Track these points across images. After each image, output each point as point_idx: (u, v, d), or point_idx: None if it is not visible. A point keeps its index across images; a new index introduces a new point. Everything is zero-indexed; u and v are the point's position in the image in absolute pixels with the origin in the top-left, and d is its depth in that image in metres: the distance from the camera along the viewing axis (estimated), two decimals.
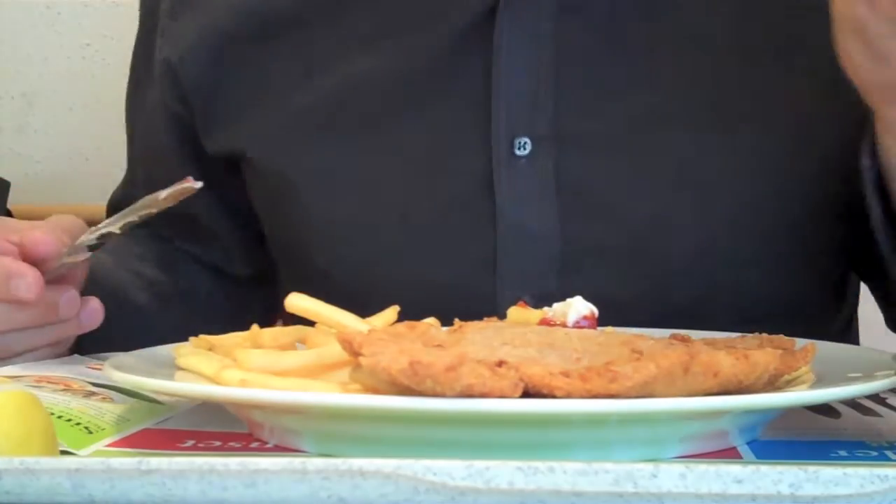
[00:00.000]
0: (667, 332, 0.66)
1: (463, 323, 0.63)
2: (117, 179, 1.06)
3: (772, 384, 0.56)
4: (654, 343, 0.58)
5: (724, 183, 0.83)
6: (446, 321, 0.72)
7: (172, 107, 0.96)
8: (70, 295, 0.76)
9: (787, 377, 0.58)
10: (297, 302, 0.63)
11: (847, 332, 0.99)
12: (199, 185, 0.67)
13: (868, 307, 1.04)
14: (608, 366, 0.50)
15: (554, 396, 0.49)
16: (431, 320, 0.65)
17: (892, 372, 0.57)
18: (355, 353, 0.51)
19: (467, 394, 0.48)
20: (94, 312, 0.78)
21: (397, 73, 0.86)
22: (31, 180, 1.85)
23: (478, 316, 0.75)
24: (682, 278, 0.83)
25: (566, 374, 0.49)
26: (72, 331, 0.78)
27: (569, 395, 0.49)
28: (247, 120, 0.92)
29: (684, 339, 0.62)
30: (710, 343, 0.61)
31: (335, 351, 0.55)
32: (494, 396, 0.48)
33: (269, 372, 0.55)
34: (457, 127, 0.84)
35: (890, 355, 0.62)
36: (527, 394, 0.49)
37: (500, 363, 0.49)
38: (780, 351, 0.56)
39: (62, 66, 1.86)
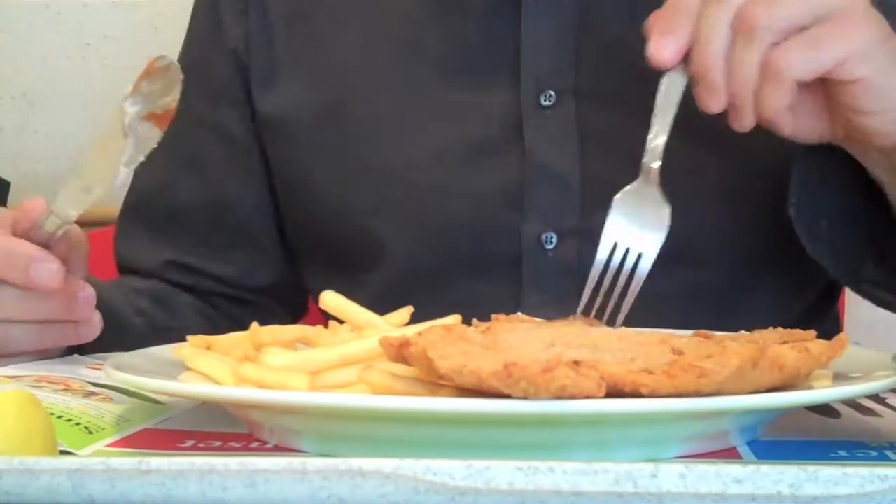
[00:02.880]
0: (689, 332, 0.66)
1: (481, 322, 0.63)
2: None
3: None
4: (688, 341, 0.58)
5: (720, 132, 0.89)
6: (477, 255, 0.89)
7: (237, 46, 1.00)
8: (89, 293, 0.75)
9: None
10: (331, 300, 0.64)
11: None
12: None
13: (864, 308, 1.04)
14: (691, 362, 0.50)
15: (639, 394, 0.49)
16: (454, 318, 0.65)
17: (892, 372, 0.57)
18: (399, 355, 0.51)
19: (559, 395, 0.47)
20: (93, 324, 0.76)
21: (437, 41, 0.95)
22: (31, 180, 1.85)
23: (505, 250, 0.90)
24: (687, 211, 0.88)
25: (650, 372, 0.49)
26: (69, 338, 0.77)
27: (654, 393, 0.49)
28: (297, 77, 0.99)
29: (707, 336, 0.63)
30: (733, 339, 0.61)
31: (359, 349, 0.56)
32: (582, 397, 0.48)
33: (296, 371, 0.55)
34: (488, 82, 0.93)
35: (890, 355, 0.62)
36: (607, 393, 0.49)
37: (577, 363, 0.49)
38: (827, 342, 0.57)
39: (62, 66, 1.86)
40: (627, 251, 0.73)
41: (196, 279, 1.03)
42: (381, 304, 0.66)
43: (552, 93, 0.91)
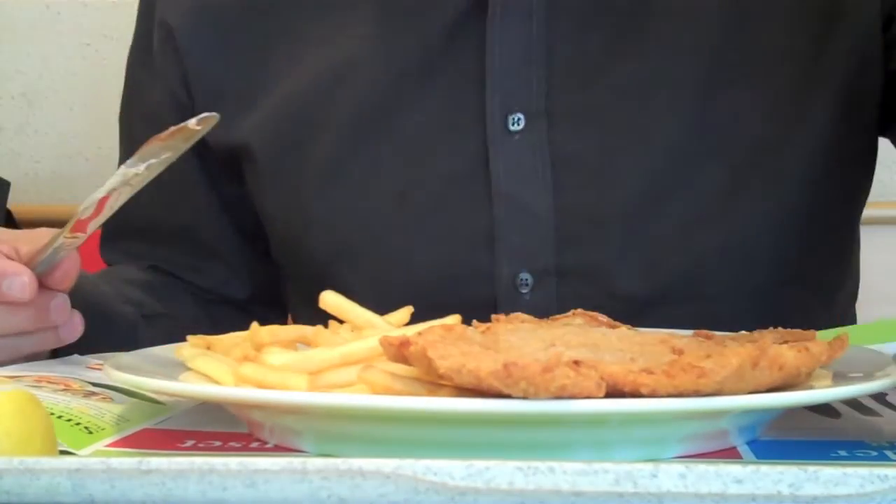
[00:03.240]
0: (689, 332, 0.66)
1: (481, 323, 0.62)
2: None
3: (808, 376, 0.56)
4: (688, 341, 0.58)
5: (708, 149, 0.85)
6: (449, 302, 0.76)
7: (173, 88, 0.95)
8: (61, 300, 0.74)
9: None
10: (331, 300, 0.64)
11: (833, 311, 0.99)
12: (217, 116, 0.62)
13: (864, 308, 1.04)
14: (691, 362, 0.50)
15: (639, 394, 0.49)
16: (454, 318, 0.65)
17: (892, 372, 0.57)
18: (399, 355, 0.51)
19: (559, 395, 0.47)
20: (74, 326, 0.75)
21: (393, 58, 0.88)
22: (31, 180, 1.85)
23: (478, 295, 0.82)
24: (674, 246, 0.85)
25: (650, 372, 0.49)
26: (50, 343, 0.76)
27: (654, 393, 0.49)
28: (247, 108, 0.93)
29: (708, 336, 0.63)
30: (734, 339, 0.61)
31: (359, 349, 0.56)
32: (582, 397, 0.48)
33: (296, 371, 0.55)
34: (452, 108, 0.86)
35: (890, 355, 0.62)
36: (607, 393, 0.49)
37: (577, 363, 0.49)
38: (827, 341, 0.57)
39: (62, 66, 1.86)
40: None
41: (182, 284, 1.02)
42: None
43: (521, 115, 0.84)
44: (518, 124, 0.84)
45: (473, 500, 0.40)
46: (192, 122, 0.61)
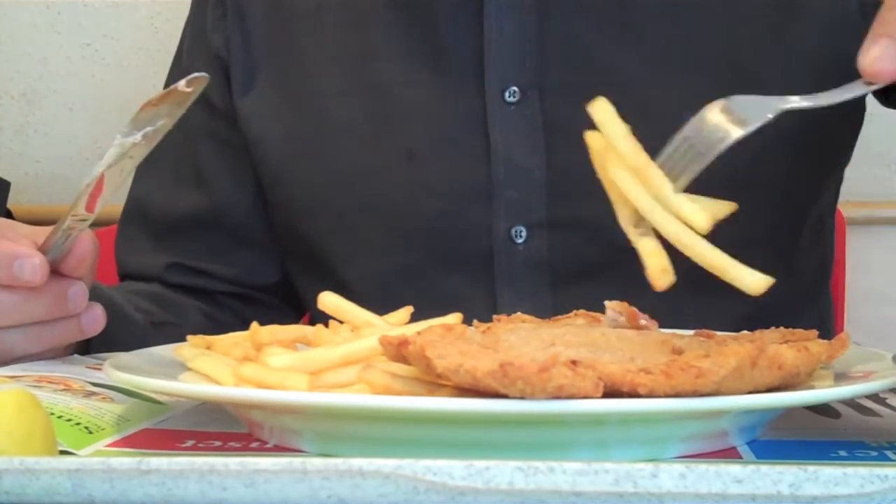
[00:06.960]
0: (690, 332, 0.66)
1: (482, 323, 0.62)
2: None
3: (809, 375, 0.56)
4: (689, 340, 0.58)
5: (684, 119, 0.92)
6: (450, 249, 0.91)
7: (219, 53, 1.02)
8: (79, 287, 0.74)
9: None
10: (330, 300, 0.64)
11: (823, 288, 1.05)
12: (207, 76, 0.62)
13: (864, 308, 1.04)
14: (689, 362, 0.50)
15: (636, 394, 0.49)
16: (454, 317, 0.65)
17: (892, 372, 0.57)
18: (398, 354, 0.51)
19: (556, 395, 0.47)
20: (96, 318, 0.75)
21: (401, 39, 0.97)
22: (31, 180, 1.85)
23: (476, 245, 0.91)
24: None
25: (648, 372, 0.49)
26: (72, 335, 0.76)
27: (651, 393, 0.49)
28: (273, 78, 1.01)
29: (709, 336, 0.63)
30: (734, 338, 0.61)
31: (359, 348, 0.57)
32: (580, 397, 0.48)
33: (296, 371, 0.55)
34: (454, 81, 0.95)
35: (890, 355, 0.62)
36: (605, 393, 0.49)
37: (575, 363, 0.49)
38: (827, 342, 0.57)
39: (62, 66, 1.86)
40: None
41: (202, 280, 1.04)
42: (360, 303, 0.66)
43: (516, 89, 0.92)
44: (514, 96, 0.92)
45: (473, 500, 0.40)
46: (181, 84, 0.61)
